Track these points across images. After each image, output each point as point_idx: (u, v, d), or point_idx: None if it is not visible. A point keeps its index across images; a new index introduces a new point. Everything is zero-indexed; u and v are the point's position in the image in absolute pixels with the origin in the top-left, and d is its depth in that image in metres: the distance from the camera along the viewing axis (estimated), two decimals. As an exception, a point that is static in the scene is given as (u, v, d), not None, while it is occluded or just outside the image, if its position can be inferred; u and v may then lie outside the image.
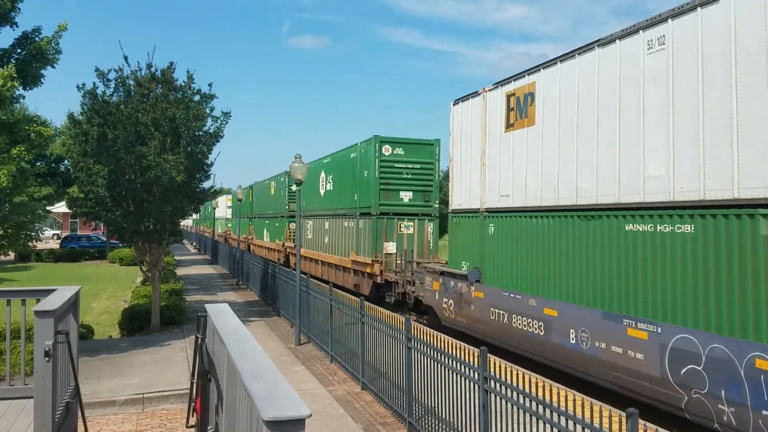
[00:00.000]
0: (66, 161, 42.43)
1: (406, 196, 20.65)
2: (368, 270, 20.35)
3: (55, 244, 53.84)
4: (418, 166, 20.78)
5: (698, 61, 8.20)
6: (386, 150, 20.53)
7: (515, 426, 5.64)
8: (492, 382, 6.15)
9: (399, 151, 20.54)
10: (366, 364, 10.47)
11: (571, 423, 4.88)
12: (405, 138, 21.12)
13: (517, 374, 5.91)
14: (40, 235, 20.14)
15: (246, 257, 27.04)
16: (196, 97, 16.18)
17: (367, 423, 8.91)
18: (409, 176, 20.70)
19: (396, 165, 20.54)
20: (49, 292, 7.22)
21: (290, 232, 32.61)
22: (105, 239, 49.03)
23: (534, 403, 5.35)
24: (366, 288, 20.42)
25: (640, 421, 4.51)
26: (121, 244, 36.74)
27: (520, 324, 11.89)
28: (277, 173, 37.22)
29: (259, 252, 39.16)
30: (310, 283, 14.63)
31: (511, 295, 12.31)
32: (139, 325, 16.79)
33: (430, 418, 7.83)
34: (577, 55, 10.85)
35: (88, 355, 12.90)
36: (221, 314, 5.85)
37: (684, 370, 7.97)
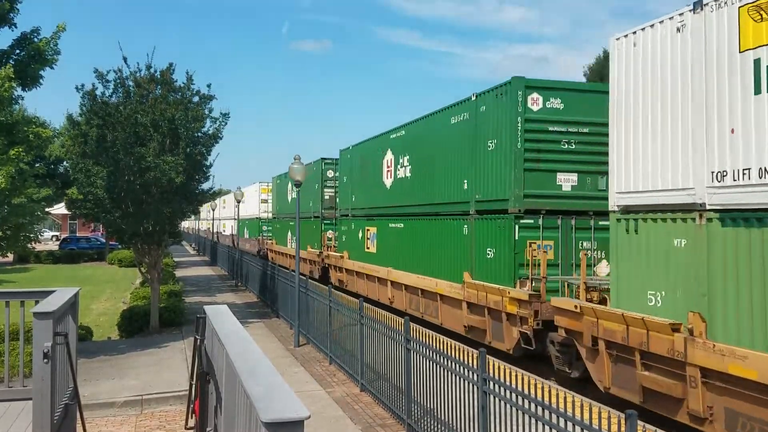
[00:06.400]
0: (65, 162, 42.39)
1: (567, 180, 13.04)
2: (514, 310, 11.89)
3: (54, 246, 53.77)
4: (586, 129, 12.93)
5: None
6: (534, 102, 12.75)
7: (514, 427, 5.64)
8: (491, 383, 6.15)
9: (556, 103, 12.86)
10: (365, 366, 10.47)
11: (570, 424, 4.89)
12: (562, 82, 13.71)
13: (516, 376, 5.92)
14: (39, 236, 20.12)
15: (245, 259, 26.94)
16: (195, 98, 16.19)
17: (366, 424, 8.91)
18: (573, 147, 12.96)
19: (551, 128, 12.80)
20: (47, 293, 7.22)
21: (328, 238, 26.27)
22: (104, 241, 48.99)
23: (533, 405, 5.36)
24: (508, 340, 12.42)
25: (639, 422, 4.52)
26: (120, 246, 36.66)
27: None
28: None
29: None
30: (309, 284, 14.63)
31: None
32: (138, 327, 16.77)
33: (429, 420, 7.83)
34: None
35: (86, 356, 12.89)
36: (220, 316, 5.85)
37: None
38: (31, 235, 16.17)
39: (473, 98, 14.20)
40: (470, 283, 13.60)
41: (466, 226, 14.28)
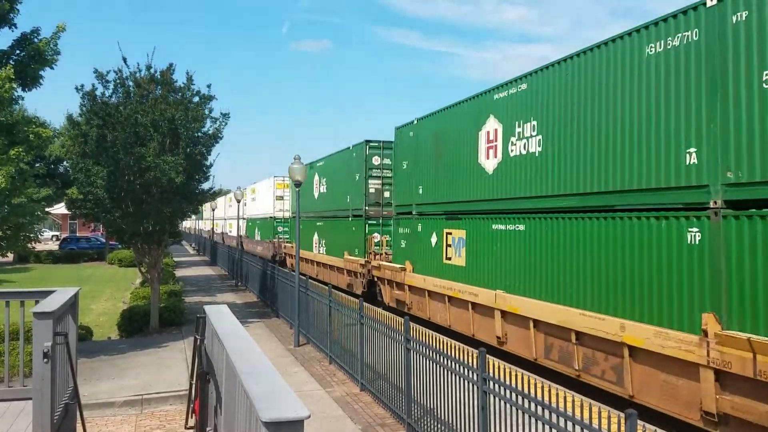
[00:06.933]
0: (65, 162, 42.40)
1: None
2: None
3: (54, 246, 53.78)
4: None
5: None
6: None
7: (514, 427, 5.64)
8: (491, 383, 6.16)
9: None
10: (365, 366, 10.47)
11: (570, 424, 4.89)
12: None
13: (516, 375, 5.92)
14: (39, 236, 20.11)
15: (245, 258, 26.94)
16: (195, 99, 16.20)
17: (365, 424, 8.91)
18: None
19: None
20: (47, 293, 7.22)
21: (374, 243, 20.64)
22: (104, 240, 49.02)
23: (533, 404, 5.36)
24: None
25: (639, 422, 4.52)
26: (120, 246, 36.65)
27: None
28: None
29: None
30: (309, 284, 14.63)
31: None
32: (138, 327, 16.79)
33: (429, 420, 7.83)
34: None
35: (86, 356, 12.89)
36: (220, 315, 5.86)
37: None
38: (31, 235, 16.16)
39: (710, 2, 8.27)
40: (730, 338, 7.49)
41: (696, 229, 8.28)
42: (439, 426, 7.50)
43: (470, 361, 6.64)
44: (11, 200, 13.74)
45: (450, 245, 15.04)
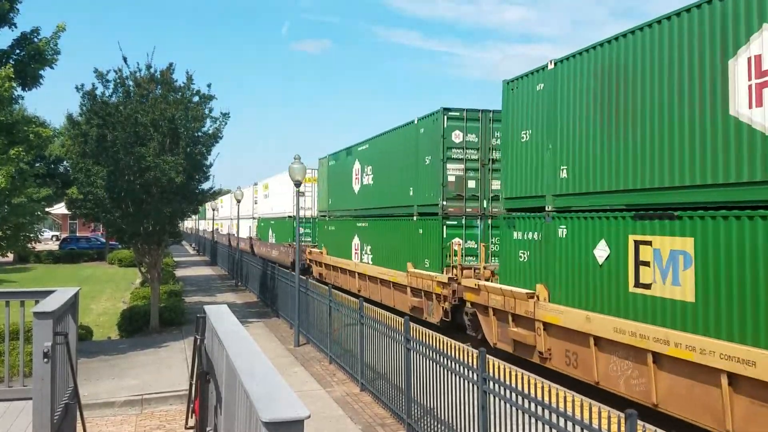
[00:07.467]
0: (65, 162, 42.38)
1: None
2: None
3: (54, 246, 53.77)
4: None
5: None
6: None
7: (514, 427, 5.64)
8: (491, 383, 6.15)
9: None
10: (365, 366, 10.47)
11: (570, 424, 4.89)
12: None
13: (516, 375, 5.92)
14: (39, 236, 20.13)
15: (245, 258, 26.92)
16: (195, 98, 16.20)
17: (366, 424, 8.91)
18: None
19: None
20: (47, 293, 7.22)
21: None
22: (104, 240, 49.01)
23: (533, 405, 5.35)
24: None
25: (639, 422, 4.52)
26: (120, 246, 36.61)
27: None
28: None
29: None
30: (309, 284, 14.63)
31: None
32: (138, 327, 16.80)
33: (429, 419, 7.83)
34: None
35: (86, 356, 12.89)
36: (220, 315, 5.86)
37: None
38: (31, 235, 16.19)
39: None
40: None
41: None
42: (439, 426, 7.49)
43: (470, 361, 6.64)
44: (11, 200, 13.74)
45: (645, 263, 8.97)
